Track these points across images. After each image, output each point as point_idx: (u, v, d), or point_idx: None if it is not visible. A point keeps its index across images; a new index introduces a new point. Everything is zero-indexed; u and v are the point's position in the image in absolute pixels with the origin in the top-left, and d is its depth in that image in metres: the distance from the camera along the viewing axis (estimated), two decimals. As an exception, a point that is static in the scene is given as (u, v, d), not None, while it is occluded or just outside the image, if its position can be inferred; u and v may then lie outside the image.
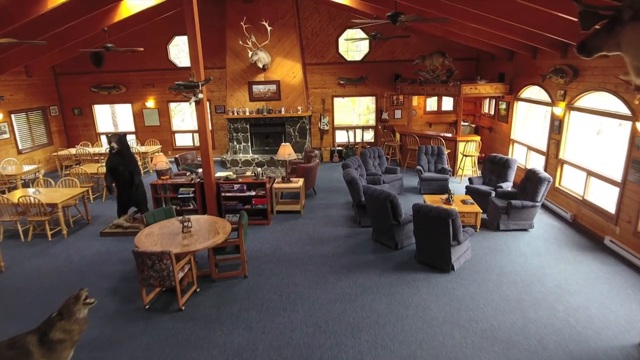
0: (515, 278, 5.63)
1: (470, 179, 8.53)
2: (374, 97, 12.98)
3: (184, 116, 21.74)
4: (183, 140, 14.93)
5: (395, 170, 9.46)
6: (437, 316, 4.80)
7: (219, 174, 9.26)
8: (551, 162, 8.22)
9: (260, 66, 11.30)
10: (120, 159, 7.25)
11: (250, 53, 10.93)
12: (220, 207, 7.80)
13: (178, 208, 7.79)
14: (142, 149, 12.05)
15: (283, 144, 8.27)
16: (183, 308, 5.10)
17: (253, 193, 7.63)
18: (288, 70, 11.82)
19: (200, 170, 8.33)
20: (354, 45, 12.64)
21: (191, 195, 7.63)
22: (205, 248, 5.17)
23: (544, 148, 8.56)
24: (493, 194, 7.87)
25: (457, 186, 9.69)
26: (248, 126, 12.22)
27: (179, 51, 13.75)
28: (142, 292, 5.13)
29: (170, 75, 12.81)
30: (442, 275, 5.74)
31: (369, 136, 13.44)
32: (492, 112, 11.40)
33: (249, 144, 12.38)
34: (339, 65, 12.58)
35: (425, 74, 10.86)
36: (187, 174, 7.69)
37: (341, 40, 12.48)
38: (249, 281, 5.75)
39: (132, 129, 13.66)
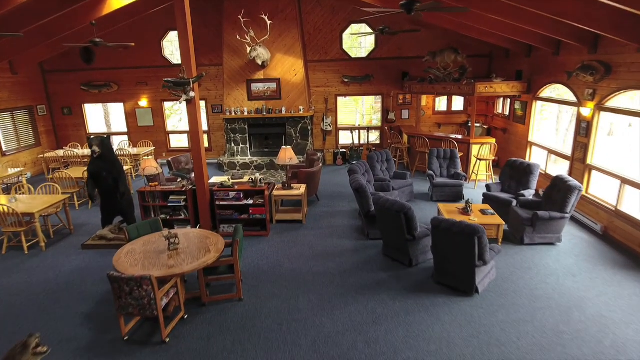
0: (549, 303, 4.92)
1: (487, 186, 7.82)
2: (379, 97, 12.26)
3: (181, 115, 21.12)
4: (179, 142, 14.26)
5: (404, 175, 8.75)
6: (464, 353, 4.09)
7: (214, 179, 8.58)
8: (577, 167, 7.50)
9: (260, 63, 10.60)
10: (103, 164, 6.54)
11: (248, 49, 10.22)
12: (214, 216, 7.10)
13: (168, 218, 7.09)
14: (134, 150, 11.34)
15: (284, 147, 7.56)
16: (167, 340, 4.40)
17: (250, 202, 6.92)
18: (289, 68, 11.12)
19: (193, 175, 7.63)
20: (358, 41, 11.92)
21: (182, 203, 6.93)
22: (194, 270, 4.47)
23: (568, 152, 7.85)
24: (514, 202, 7.16)
25: (472, 192, 8.98)
26: (246, 127, 11.51)
27: (174, 48, 13.04)
28: (120, 322, 4.43)
29: (164, 73, 12.09)
30: (465, 299, 5.03)
31: (374, 137, 12.72)
32: (507, 113, 10.68)
33: (248, 145, 11.67)
34: (343, 63, 11.86)
35: (436, 72, 10.15)
36: (178, 180, 6.99)
37: (345, 35, 11.77)
38: (245, 305, 5.04)
39: (125, 129, 12.96)
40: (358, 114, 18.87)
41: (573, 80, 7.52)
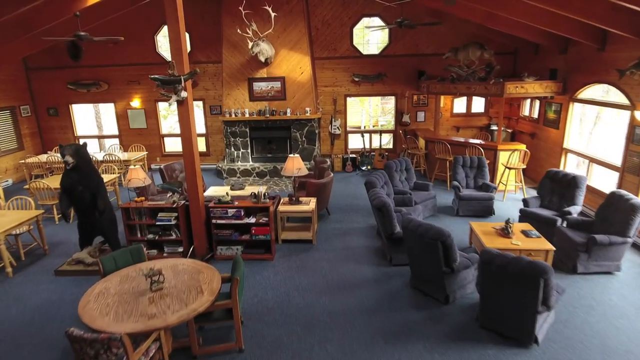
0: (628, 358, 3.91)
1: (525, 201, 6.81)
2: (386, 96, 11.25)
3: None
4: (174, 145, 13.25)
5: (426, 187, 7.74)
6: None
7: (212, 190, 7.59)
8: (630, 180, 6.49)
9: (262, 60, 9.59)
10: (79, 177, 5.53)
11: (250, 44, 9.21)
12: (210, 237, 6.10)
13: (157, 238, 6.08)
14: (124, 155, 10.33)
15: (291, 155, 6.54)
16: (146, 413, 3.39)
17: (252, 220, 5.91)
18: (295, 65, 10.10)
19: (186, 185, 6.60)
20: (366, 38, 10.91)
21: (173, 222, 5.91)
22: (181, 322, 3.46)
23: (617, 162, 6.84)
24: (559, 221, 6.15)
25: (501, 206, 7.97)
26: (248, 130, 10.50)
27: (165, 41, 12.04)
28: (85, 390, 3.42)
29: (158, 71, 11.03)
30: (522, 351, 4.02)
31: (386, 141, 11.70)
32: (536, 115, 9.66)
33: (249, 150, 10.66)
34: (353, 60, 10.85)
35: (458, 70, 9.13)
36: (168, 195, 5.99)
37: (356, 30, 10.76)
38: (246, 358, 4.03)
39: (115, 131, 11.95)
40: (364, 115, 17.91)
41: (626, 79, 6.50)
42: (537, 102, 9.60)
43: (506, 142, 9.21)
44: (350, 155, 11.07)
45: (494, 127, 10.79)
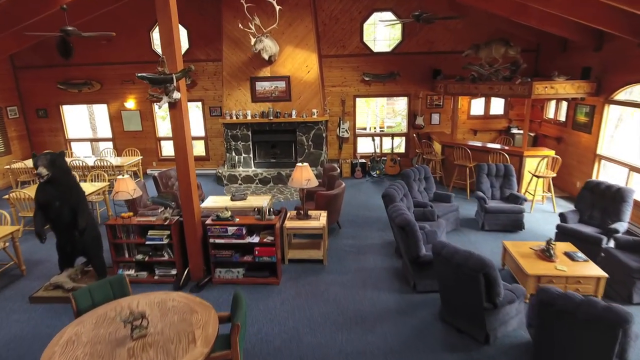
0: None
1: (562, 216, 6.04)
2: (405, 98, 10.49)
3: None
4: (172, 149, 12.50)
5: (447, 198, 6.99)
6: None
7: (209, 202, 6.87)
8: (683, 193, 5.73)
9: (266, 57, 8.84)
10: (56, 191, 4.79)
11: (253, 40, 8.47)
12: (208, 258, 5.35)
13: (146, 259, 5.34)
14: (117, 161, 9.60)
15: (299, 164, 5.79)
16: None
17: (256, 239, 5.17)
18: (301, 63, 9.36)
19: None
20: (379, 33, 10.16)
21: (165, 241, 5.17)
22: (166, 386, 2.72)
23: (666, 171, 6.08)
24: (605, 240, 5.39)
25: (528, 219, 7.22)
26: (250, 133, 9.76)
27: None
28: None
29: (154, 69, 10.32)
30: (588, 413, 3.26)
31: (397, 144, 10.95)
32: (562, 118, 8.90)
33: (251, 155, 9.92)
34: (363, 58, 10.10)
35: (479, 69, 8.37)
36: (160, 211, 5.25)
37: (366, 26, 10.00)
38: (249, 420, 3.28)
39: (109, 134, 11.22)
40: (369, 117, 17.17)
41: (679, 78, 5.74)
42: (564, 104, 8.84)
43: (533, 148, 8.44)
44: (360, 160, 10.31)
45: (515, 131, 10.03)
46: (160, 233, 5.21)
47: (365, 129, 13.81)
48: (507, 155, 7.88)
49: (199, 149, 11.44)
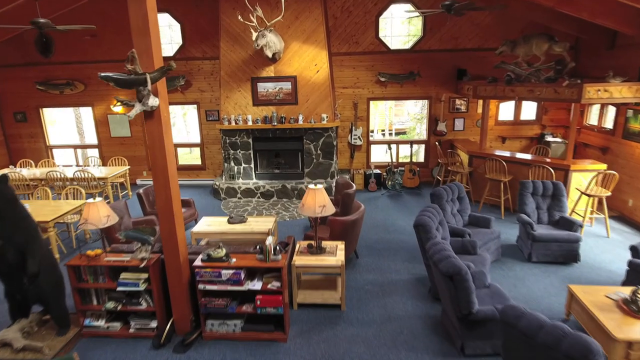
0: None
1: (635, 250, 4.89)
2: (426, 101, 9.36)
3: (174, 119, 18.22)
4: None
5: (486, 222, 5.85)
6: None
7: (202, 225, 5.81)
8: None
9: (269, 55, 7.72)
10: (-4, 227, 3.68)
11: (254, 35, 7.34)
12: (197, 307, 4.23)
13: (119, 309, 4.22)
14: (101, 172, 8.47)
15: (311, 186, 4.64)
16: None
17: (257, 285, 4.04)
18: (309, 62, 8.22)
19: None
20: (390, 28, 9.03)
21: (142, 287, 4.04)
22: None
23: None
24: (700, 285, 4.23)
25: (582, 247, 6.05)
26: (251, 140, 8.63)
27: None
28: None
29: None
30: None
31: (410, 151, 9.81)
32: (610, 125, 7.74)
33: (252, 165, 8.79)
34: (378, 56, 8.96)
35: (515, 68, 7.23)
36: (136, 248, 4.14)
37: (383, 20, 8.87)
38: None
39: (95, 141, 10.11)
40: (377, 118, 16.05)
41: None
42: (611, 109, 7.69)
43: (579, 160, 7.27)
44: (374, 171, 9.17)
45: (550, 138, 8.88)
46: (136, 277, 4.08)
47: (372, 132, 12.68)
48: (551, 170, 6.73)
49: (194, 156, 10.34)
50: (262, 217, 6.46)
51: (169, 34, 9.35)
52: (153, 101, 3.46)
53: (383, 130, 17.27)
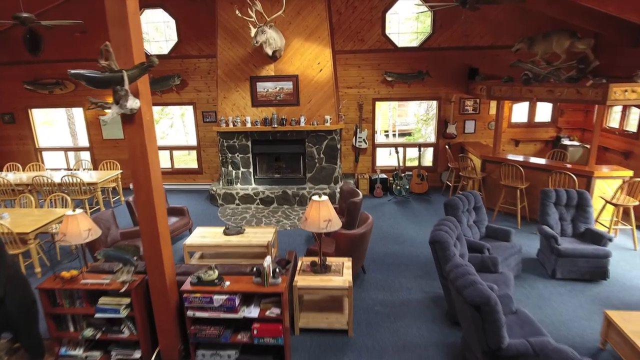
0: None
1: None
2: (435, 102, 8.87)
3: (172, 120, 17.76)
4: (161, 159, 10.94)
5: (505, 234, 5.35)
6: None
7: (196, 236, 5.40)
8: None
9: (269, 53, 7.23)
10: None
11: (253, 31, 6.85)
12: (186, 337, 3.74)
13: (98, 337, 3.73)
14: (91, 176, 7.99)
15: (315, 198, 4.14)
16: None
17: (254, 312, 3.55)
18: (311, 60, 7.74)
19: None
20: (408, 23, 8.54)
21: (123, 313, 3.55)
22: None
23: None
24: None
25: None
26: (249, 143, 8.15)
27: (152, 31, 9.76)
28: None
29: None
30: None
31: (416, 156, 9.31)
32: (634, 128, 7.24)
33: (251, 169, 8.30)
34: (385, 54, 8.47)
35: (533, 67, 6.73)
36: (117, 269, 3.65)
37: (390, 16, 8.38)
38: None
39: (86, 143, 9.64)
40: (380, 119, 15.55)
41: None
42: (634, 111, 7.19)
43: (603, 166, 6.76)
44: (380, 176, 8.67)
45: (567, 142, 8.39)
46: (117, 302, 3.60)
47: (376, 132, 12.15)
48: (574, 177, 6.23)
49: (191, 157, 9.88)
50: (261, 227, 5.97)
51: (164, 31, 8.90)
52: (132, 103, 2.98)
53: (386, 131, 16.78)
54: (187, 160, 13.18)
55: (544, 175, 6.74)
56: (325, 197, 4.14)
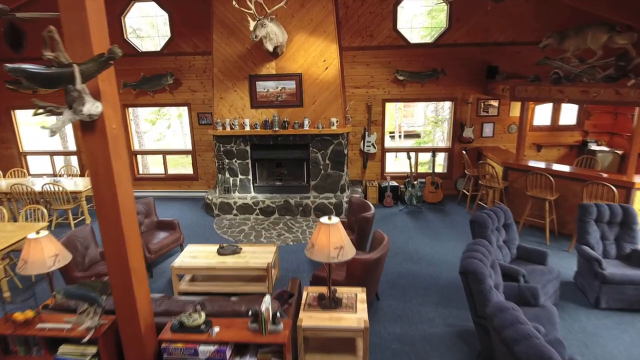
0: None
1: None
2: (451, 103, 8.17)
3: (170, 121, 17.09)
4: (153, 164, 10.37)
5: (539, 256, 4.66)
6: None
7: (186, 256, 4.67)
8: None
9: (270, 49, 6.55)
10: None
11: (252, 24, 6.16)
12: (165, 392, 3.06)
13: (58, 393, 3.05)
14: (76, 184, 7.32)
15: (324, 220, 3.44)
16: None
17: (250, 365, 2.87)
18: (316, 57, 7.05)
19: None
20: (422, 18, 7.84)
21: (88, 366, 2.88)
22: None
23: None
24: None
25: (659, 286, 4.85)
26: (248, 148, 7.47)
27: (144, 25, 9.10)
28: None
29: (127, 65, 8.11)
30: None
31: (425, 161, 8.61)
32: (673, 133, 6.52)
33: (250, 176, 7.62)
34: (396, 51, 7.77)
35: (563, 65, 6.04)
36: (80, 313, 2.97)
37: (402, 9, 7.68)
38: None
39: (74, 147, 8.97)
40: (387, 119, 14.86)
41: None
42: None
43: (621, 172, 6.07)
44: (391, 183, 7.98)
45: (595, 147, 7.68)
46: (81, 351, 2.92)
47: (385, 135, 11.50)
48: (613, 188, 5.52)
49: (186, 163, 9.22)
50: (260, 245, 5.29)
51: (157, 26, 8.24)
52: (91, 107, 2.30)
53: (391, 133, 16.07)
54: (185, 164, 12.53)
55: (575, 186, 6.04)
56: (336, 219, 3.45)
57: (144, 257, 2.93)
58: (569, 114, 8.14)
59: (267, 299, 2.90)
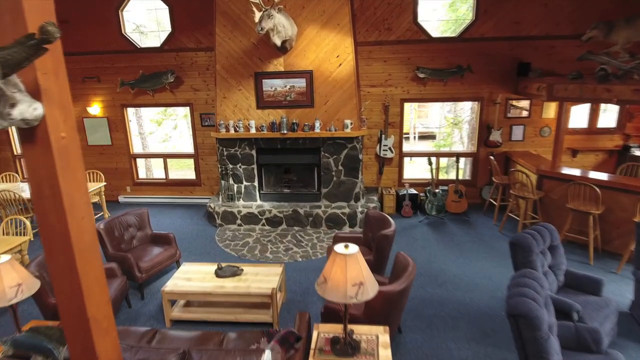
0: None
1: None
2: (477, 103, 7.45)
3: (176, 121, 16.56)
4: (155, 167, 9.83)
5: (594, 285, 3.94)
6: None
7: (178, 279, 4.12)
8: None
9: (278, 43, 5.91)
10: None
11: (258, 16, 5.51)
12: None
13: None
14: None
15: (339, 249, 2.78)
16: None
17: None
18: (329, 52, 6.39)
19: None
20: (444, 9, 7.14)
21: None
22: None
23: None
24: None
25: None
26: (254, 153, 6.84)
27: (142, 23, 8.53)
28: None
29: (125, 62, 7.56)
30: None
31: (443, 166, 7.88)
32: None
33: (256, 183, 6.99)
34: (417, 46, 7.08)
35: (610, 60, 5.29)
36: (32, 365, 2.37)
37: (423, 0, 6.99)
38: None
39: (69, 149, 8.42)
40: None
41: None
42: None
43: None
44: (409, 191, 7.29)
45: (639, 153, 6.90)
46: (31, 418, 2.29)
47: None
48: (673, 203, 4.76)
49: (188, 166, 8.66)
50: (265, 265, 4.65)
51: (158, 21, 7.68)
52: (27, 109, 1.67)
53: (406, 134, 15.33)
54: (191, 165, 11.98)
55: (623, 198, 5.29)
56: (354, 248, 2.78)
57: (110, 303, 2.30)
58: (609, 115, 7.36)
59: (267, 356, 2.24)
